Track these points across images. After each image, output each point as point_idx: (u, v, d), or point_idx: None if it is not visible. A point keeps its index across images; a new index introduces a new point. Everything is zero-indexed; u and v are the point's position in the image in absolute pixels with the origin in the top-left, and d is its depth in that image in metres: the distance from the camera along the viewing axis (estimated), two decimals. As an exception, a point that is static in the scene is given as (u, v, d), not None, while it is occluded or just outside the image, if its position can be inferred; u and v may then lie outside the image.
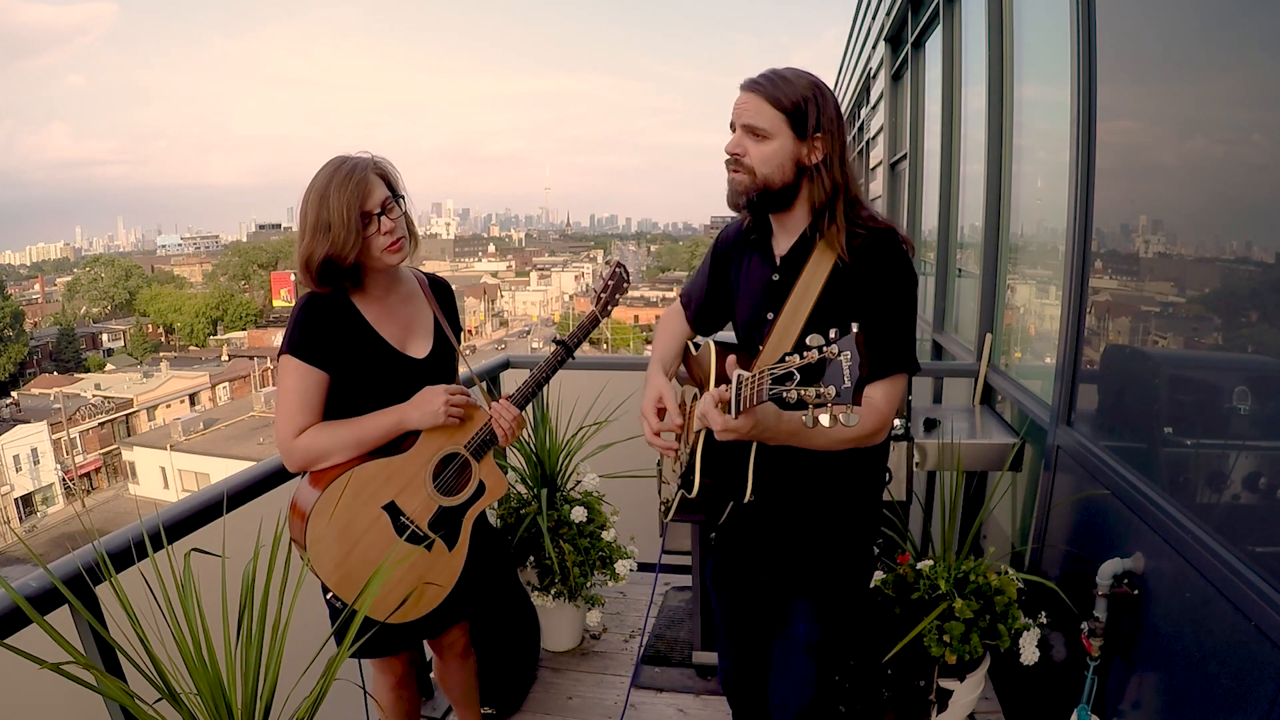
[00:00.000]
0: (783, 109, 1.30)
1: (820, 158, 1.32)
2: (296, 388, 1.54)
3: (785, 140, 1.32)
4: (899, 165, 5.89)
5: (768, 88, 1.32)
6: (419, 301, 1.69)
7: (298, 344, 1.53)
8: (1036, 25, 2.68)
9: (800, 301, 1.34)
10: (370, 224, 1.49)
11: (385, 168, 1.55)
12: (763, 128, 1.31)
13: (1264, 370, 1.37)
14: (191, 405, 34.31)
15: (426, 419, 1.57)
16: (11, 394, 36.05)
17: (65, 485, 28.59)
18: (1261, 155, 1.38)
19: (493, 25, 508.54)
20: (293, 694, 1.35)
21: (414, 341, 1.65)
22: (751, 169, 1.33)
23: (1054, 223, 2.37)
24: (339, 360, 1.55)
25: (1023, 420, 2.47)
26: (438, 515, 1.63)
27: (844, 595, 1.50)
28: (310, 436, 1.54)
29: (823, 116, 1.32)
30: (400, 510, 1.59)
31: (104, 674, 1.21)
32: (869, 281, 1.31)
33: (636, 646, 2.73)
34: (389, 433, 1.58)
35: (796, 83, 1.32)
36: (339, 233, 1.46)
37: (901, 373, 1.32)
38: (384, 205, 1.51)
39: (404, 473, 1.59)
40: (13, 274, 74.57)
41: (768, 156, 1.32)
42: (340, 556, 1.52)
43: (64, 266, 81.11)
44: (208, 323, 50.02)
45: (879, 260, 1.32)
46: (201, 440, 27.12)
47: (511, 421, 1.67)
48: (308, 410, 1.54)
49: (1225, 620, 1.29)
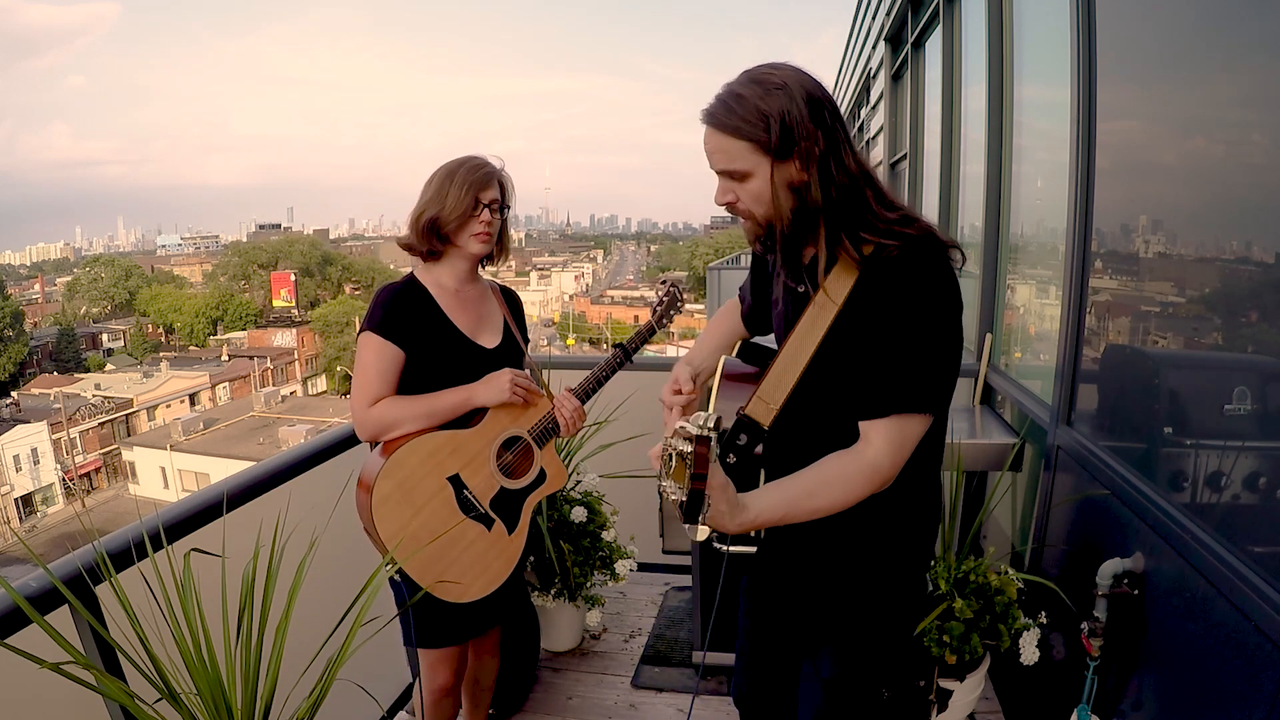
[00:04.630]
0: (746, 137, 1.07)
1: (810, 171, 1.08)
2: (374, 362, 1.64)
3: (764, 169, 1.09)
4: (899, 165, 5.89)
5: (722, 116, 1.09)
6: (491, 303, 1.82)
7: (379, 322, 1.65)
8: (1036, 25, 2.68)
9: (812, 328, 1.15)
10: (477, 209, 1.66)
11: (506, 180, 1.74)
12: (737, 168, 1.10)
13: (1264, 370, 1.37)
14: (191, 405, 34.30)
15: (494, 395, 1.68)
16: (11, 394, 36.03)
17: (65, 485, 28.58)
18: (1261, 155, 1.38)
19: (493, 25, 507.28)
20: (293, 694, 1.35)
21: (484, 333, 1.77)
22: (750, 214, 1.14)
23: (1054, 223, 2.36)
24: (415, 341, 1.66)
25: (1023, 420, 2.47)
26: (499, 496, 1.71)
27: (876, 639, 1.32)
28: (384, 406, 1.64)
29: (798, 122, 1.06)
30: (465, 484, 1.67)
31: (104, 674, 1.22)
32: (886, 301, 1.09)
33: (637, 646, 2.73)
34: (457, 407, 1.68)
35: (749, 98, 1.07)
36: (451, 204, 1.64)
37: (908, 413, 1.09)
38: (493, 203, 1.68)
39: (470, 447, 1.69)
40: (13, 274, 74.54)
41: (758, 195, 1.11)
42: (404, 520, 1.59)
43: (64, 266, 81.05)
44: (208, 323, 49.99)
45: (901, 277, 1.08)
46: (201, 440, 27.13)
47: (574, 412, 1.77)
48: (383, 383, 1.65)
49: (1225, 620, 1.29)
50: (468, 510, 1.67)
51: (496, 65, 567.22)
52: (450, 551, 1.63)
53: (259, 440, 26.12)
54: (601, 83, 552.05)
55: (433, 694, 1.81)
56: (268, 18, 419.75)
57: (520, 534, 1.73)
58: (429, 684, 1.81)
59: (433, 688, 1.81)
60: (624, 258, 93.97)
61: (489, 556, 1.68)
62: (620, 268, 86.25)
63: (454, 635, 1.76)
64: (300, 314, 47.25)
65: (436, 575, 1.59)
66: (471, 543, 1.66)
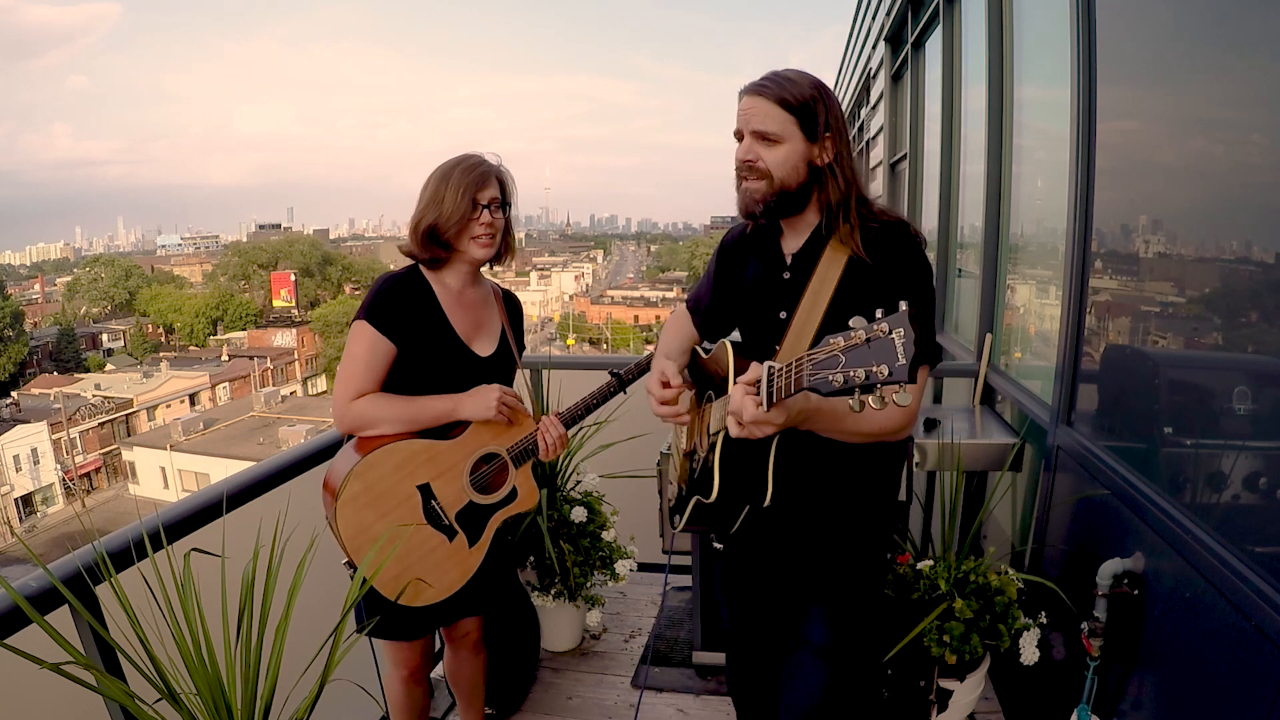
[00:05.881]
0: (791, 110, 1.28)
1: (831, 157, 1.31)
2: (364, 353, 1.60)
3: (797, 143, 1.29)
4: (899, 165, 5.89)
5: (774, 89, 1.29)
6: (491, 308, 1.78)
7: (374, 311, 1.61)
8: (1036, 25, 2.68)
9: (816, 299, 1.32)
10: (476, 210, 1.62)
11: (505, 176, 1.69)
12: (773, 131, 1.29)
13: (1264, 370, 1.37)
14: (191, 405, 34.29)
15: (480, 410, 1.64)
16: (11, 394, 36.01)
17: (65, 485, 28.58)
18: (1261, 155, 1.38)
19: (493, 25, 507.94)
20: (293, 694, 1.35)
21: (480, 340, 1.73)
22: (767, 174, 1.30)
23: (1054, 223, 2.36)
24: (409, 337, 1.62)
25: (1023, 420, 2.47)
26: (466, 510, 1.68)
27: (859, 600, 1.47)
28: (366, 402, 1.60)
29: (830, 116, 1.30)
30: (433, 494, 1.64)
31: (104, 674, 1.22)
32: (886, 273, 1.28)
33: (637, 646, 2.73)
34: (441, 416, 1.64)
35: (801, 83, 1.30)
36: (449, 208, 1.60)
37: (925, 364, 1.29)
38: (492, 202, 1.64)
39: (445, 459, 1.65)
40: (13, 274, 74.56)
41: (781, 160, 1.30)
42: (367, 523, 1.57)
43: (64, 266, 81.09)
44: (208, 323, 49.98)
45: (895, 252, 1.30)
46: (201, 440, 27.12)
47: (556, 438, 1.73)
48: (370, 376, 1.61)
49: (1225, 620, 1.29)
50: (433, 520, 1.64)
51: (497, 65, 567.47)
52: (407, 556, 1.59)
53: (259, 440, 26.11)
54: (601, 83, 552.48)
55: (393, 683, 1.84)
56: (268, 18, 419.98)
57: (481, 548, 1.70)
58: (388, 674, 1.84)
59: (393, 677, 1.83)
60: (624, 258, 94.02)
61: (446, 566, 1.65)
62: (620, 268, 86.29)
63: (406, 631, 1.75)
64: (300, 314, 47.23)
65: (391, 577, 1.56)
66: (431, 550, 1.63)
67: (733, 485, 1.33)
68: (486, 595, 1.82)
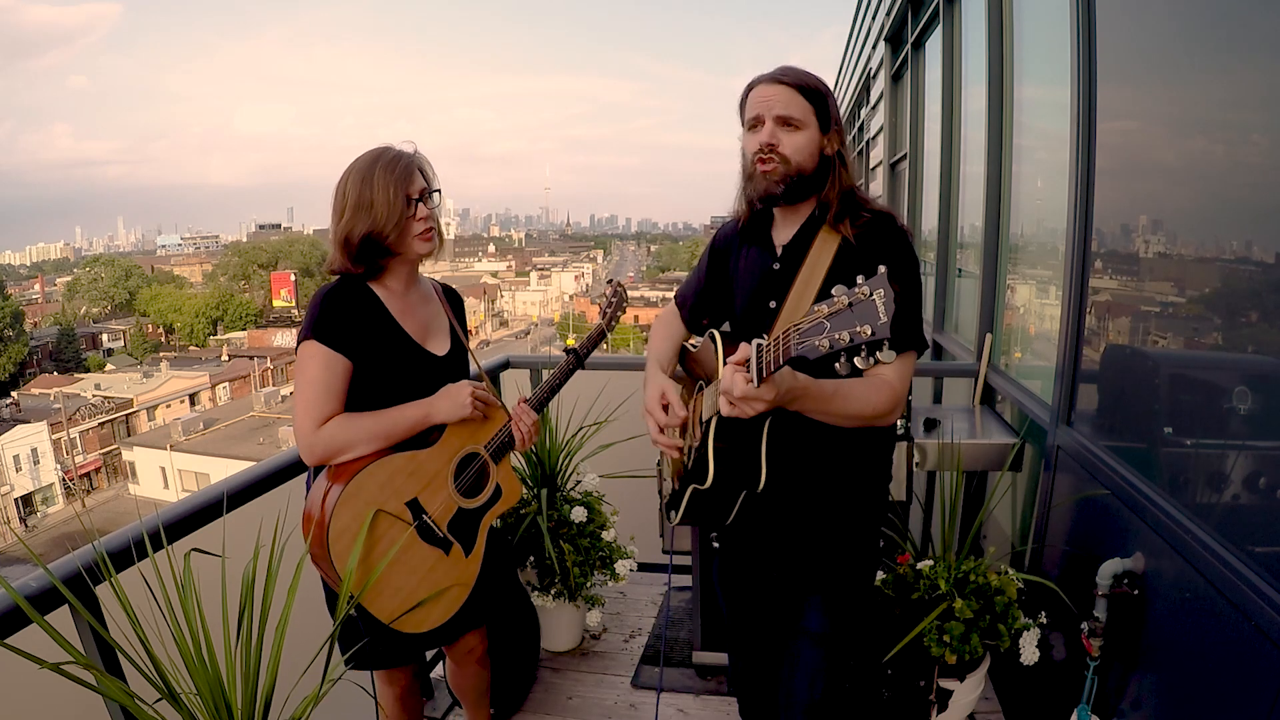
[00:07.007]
0: (811, 99, 1.36)
1: (837, 148, 1.40)
2: (320, 375, 1.48)
3: (813, 130, 1.37)
4: (899, 165, 5.89)
5: (794, 78, 1.37)
6: (435, 304, 1.71)
7: (321, 328, 1.48)
8: (1036, 25, 2.68)
9: (805, 287, 1.37)
10: (410, 207, 1.52)
11: (424, 162, 1.58)
12: (796, 117, 1.36)
13: (1264, 370, 1.37)
14: (191, 405, 34.28)
15: (455, 410, 1.56)
16: (11, 394, 36.01)
17: (65, 485, 28.57)
18: (1261, 155, 1.38)
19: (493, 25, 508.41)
20: (293, 694, 1.35)
21: (433, 339, 1.65)
22: (786, 158, 1.37)
23: (1054, 223, 2.36)
24: (363, 348, 1.51)
25: (1023, 420, 2.47)
26: (456, 517, 1.60)
27: (854, 588, 1.51)
28: (334, 426, 1.47)
29: (835, 110, 1.39)
30: (424, 509, 1.55)
31: (104, 674, 1.22)
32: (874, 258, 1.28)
33: (637, 646, 2.73)
34: (416, 425, 1.55)
35: (817, 80, 1.39)
36: (381, 211, 1.48)
37: (911, 350, 1.34)
38: (423, 194, 1.55)
39: (429, 468, 1.57)
40: (13, 274, 74.57)
41: (801, 145, 1.37)
42: (363, 554, 1.44)
43: (64, 266, 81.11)
44: (208, 323, 49.99)
45: (883, 240, 1.36)
46: (201, 440, 27.10)
47: (530, 426, 1.67)
48: (331, 398, 1.48)
49: (1225, 620, 1.29)
50: (427, 537, 1.55)
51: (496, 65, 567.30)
52: (409, 582, 1.51)
53: (259, 440, 26.08)
54: (601, 83, 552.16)
55: (387, 699, 1.77)
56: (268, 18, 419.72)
57: (477, 556, 1.63)
58: (381, 690, 1.77)
59: (386, 695, 1.77)
60: (624, 258, 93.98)
61: (446, 583, 1.57)
62: (620, 268, 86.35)
63: (403, 657, 1.70)
64: (300, 314, 47.22)
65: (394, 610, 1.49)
66: (430, 569, 1.55)
67: (728, 470, 1.34)
68: (487, 605, 1.76)
